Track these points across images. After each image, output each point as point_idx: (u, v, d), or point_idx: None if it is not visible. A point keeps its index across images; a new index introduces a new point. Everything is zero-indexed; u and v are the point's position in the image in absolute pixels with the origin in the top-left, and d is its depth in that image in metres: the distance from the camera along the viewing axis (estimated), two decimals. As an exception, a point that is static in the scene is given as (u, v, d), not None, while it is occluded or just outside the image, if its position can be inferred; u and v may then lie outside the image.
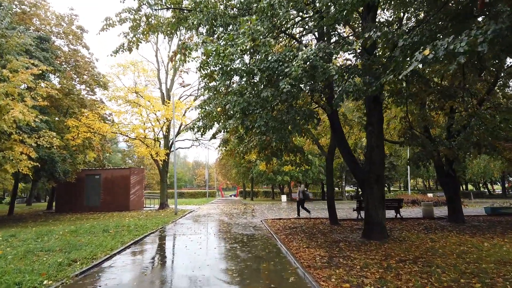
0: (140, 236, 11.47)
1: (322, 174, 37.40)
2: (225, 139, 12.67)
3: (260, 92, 7.52)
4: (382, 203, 10.62)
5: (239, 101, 7.72)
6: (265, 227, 14.08)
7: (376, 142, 10.53)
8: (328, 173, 15.09)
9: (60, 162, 21.10)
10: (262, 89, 7.62)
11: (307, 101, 9.11)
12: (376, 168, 10.51)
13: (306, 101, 9.07)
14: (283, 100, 7.50)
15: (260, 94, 7.56)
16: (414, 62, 4.72)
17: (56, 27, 24.15)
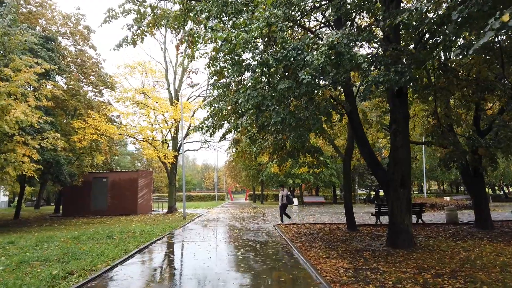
0: (146, 244, 10.69)
1: (334, 176, 36.39)
2: (236, 139, 11.85)
3: (276, 85, 6.68)
4: (409, 208, 9.70)
5: (252, 95, 6.89)
6: (278, 233, 13.22)
7: (401, 141, 9.62)
8: (345, 175, 14.17)
9: (66, 165, 20.51)
10: (278, 81, 6.78)
11: (325, 96, 8.26)
12: (402, 170, 9.60)
13: (324, 97, 8.21)
14: (302, 93, 6.66)
15: (276, 87, 6.72)
16: (488, 32, 3.81)
17: (63, 27, 23.70)
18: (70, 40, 23.99)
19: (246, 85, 7.57)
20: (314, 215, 22.04)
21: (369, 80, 6.28)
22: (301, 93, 6.72)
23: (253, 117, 7.75)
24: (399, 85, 6.26)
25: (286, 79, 6.88)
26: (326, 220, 18.19)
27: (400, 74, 6.19)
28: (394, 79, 6.12)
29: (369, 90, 6.35)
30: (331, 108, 7.48)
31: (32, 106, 15.01)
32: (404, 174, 9.59)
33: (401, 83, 6.18)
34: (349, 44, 6.29)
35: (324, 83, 7.24)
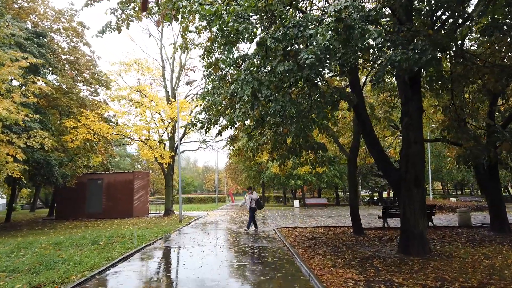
0: (133, 250, 9.73)
1: (337, 177, 35.38)
2: (232, 136, 10.91)
3: (275, 68, 5.73)
4: (423, 210, 8.73)
5: (247, 79, 5.94)
6: (279, 237, 12.25)
7: (415, 137, 8.66)
8: (350, 176, 13.20)
9: (57, 166, 19.57)
10: (277, 64, 5.83)
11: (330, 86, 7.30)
12: (415, 168, 8.64)
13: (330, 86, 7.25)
14: (305, 76, 5.70)
15: (274, 70, 5.77)
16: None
17: (56, 23, 22.81)
18: (63, 36, 23.10)
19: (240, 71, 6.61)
20: (317, 217, 21.05)
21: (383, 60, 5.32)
22: (303, 77, 5.77)
23: (248, 106, 6.79)
24: (419, 65, 5.31)
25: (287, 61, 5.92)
26: (329, 223, 17.21)
27: (421, 52, 5.24)
28: (413, 58, 5.17)
29: (383, 71, 5.41)
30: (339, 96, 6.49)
31: (17, 103, 14.07)
32: (418, 172, 8.63)
33: (421, 63, 5.23)
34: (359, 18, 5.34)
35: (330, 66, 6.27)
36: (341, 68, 5.89)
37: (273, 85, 6.01)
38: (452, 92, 9.44)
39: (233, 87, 8.13)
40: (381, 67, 5.42)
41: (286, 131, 7.13)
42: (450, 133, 9.72)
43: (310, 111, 6.52)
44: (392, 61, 5.22)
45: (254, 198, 14.46)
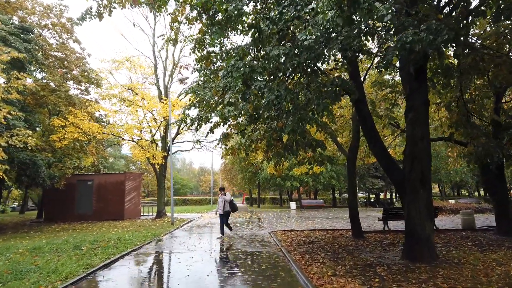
0: (116, 256, 9.00)
1: (333, 179, 34.72)
2: (225, 133, 10.21)
3: (270, 51, 5.05)
4: (430, 212, 8.07)
5: (237, 65, 5.24)
6: (274, 241, 11.55)
7: (421, 133, 8.01)
8: (350, 176, 12.53)
9: (44, 166, 18.76)
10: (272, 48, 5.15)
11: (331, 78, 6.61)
12: (421, 166, 7.98)
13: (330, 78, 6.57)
14: (303, 62, 5.02)
15: (268, 55, 5.09)
16: None
17: (44, 19, 22.01)
18: (52, 32, 22.31)
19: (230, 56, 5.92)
20: (314, 219, 20.37)
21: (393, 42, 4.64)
22: (300, 63, 5.09)
23: (239, 96, 6.08)
24: (433, 46, 4.65)
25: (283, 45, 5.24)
26: (327, 225, 16.53)
27: (435, 32, 4.58)
28: (427, 39, 4.51)
29: (392, 54, 4.75)
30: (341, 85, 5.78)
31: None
32: (424, 172, 7.97)
33: (436, 44, 4.57)
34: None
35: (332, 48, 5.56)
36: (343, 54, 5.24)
37: (267, 73, 5.35)
38: (460, 86, 8.80)
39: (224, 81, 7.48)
40: (390, 49, 4.76)
41: (281, 125, 6.42)
42: (458, 129, 9.07)
43: (309, 103, 5.85)
44: (403, 42, 4.56)
45: (227, 200, 13.22)
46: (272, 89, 5.34)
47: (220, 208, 13.22)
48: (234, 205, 13.35)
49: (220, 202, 13.24)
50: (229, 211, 13.34)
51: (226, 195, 13.32)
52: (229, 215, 13.60)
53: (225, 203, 13.16)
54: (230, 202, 13.21)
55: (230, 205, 13.23)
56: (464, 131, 8.69)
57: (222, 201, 13.20)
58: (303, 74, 6.04)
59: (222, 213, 13.20)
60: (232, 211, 13.45)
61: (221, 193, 13.54)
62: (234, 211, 13.45)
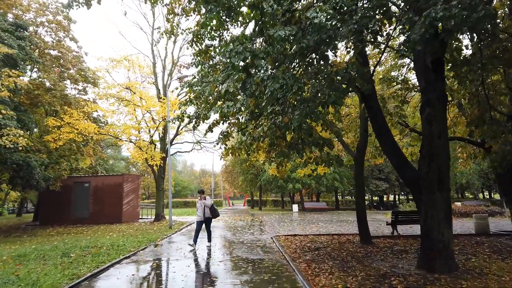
0: (106, 264, 8.29)
1: (336, 181, 33.96)
2: (224, 132, 9.52)
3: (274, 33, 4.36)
4: (449, 217, 7.35)
5: (237, 50, 4.56)
6: (277, 247, 10.84)
7: (438, 130, 7.31)
8: (357, 178, 11.84)
9: (38, 168, 18.09)
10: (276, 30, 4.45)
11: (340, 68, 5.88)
12: (439, 166, 7.28)
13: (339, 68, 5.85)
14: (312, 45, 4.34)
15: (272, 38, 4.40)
16: None
17: (39, 16, 21.39)
18: (47, 30, 21.68)
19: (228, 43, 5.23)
20: (318, 223, 19.65)
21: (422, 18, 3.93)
22: (309, 46, 4.40)
23: (238, 85, 5.38)
24: (467, 24, 3.96)
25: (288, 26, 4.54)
26: (332, 229, 15.81)
27: (470, 8, 3.88)
28: (459, 15, 3.82)
29: (419, 32, 4.04)
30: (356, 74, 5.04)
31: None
32: (442, 173, 7.27)
33: (471, 21, 3.88)
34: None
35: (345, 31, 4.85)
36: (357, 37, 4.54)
37: (271, 59, 4.67)
38: (482, 79, 8.08)
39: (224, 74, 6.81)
40: (416, 27, 4.08)
41: (287, 121, 5.73)
42: (478, 127, 8.35)
43: (317, 94, 5.15)
44: (432, 18, 3.88)
45: (207, 205, 11.45)
46: (277, 77, 4.66)
47: (199, 214, 11.51)
48: (216, 210, 11.63)
49: (199, 207, 11.52)
50: (210, 218, 11.64)
51: (206, 199, 11.59)
52: (210, 222, 11.87)
53: (204, 208, 11.50)
54: (210, 207, 11.52)
55: (211, 210, 11.52)
56: (488, 128, 7.97)
57: (202, 206, 11.49)
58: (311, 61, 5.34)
59: (202, 219, 11.47)
60: (213, 217, 11.69)
61: (200, 196, 11.74)
62: (215, 217, 11.71)
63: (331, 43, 4.40)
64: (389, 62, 15.33)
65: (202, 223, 11.52)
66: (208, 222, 11.71)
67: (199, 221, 11.50)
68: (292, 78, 4.66)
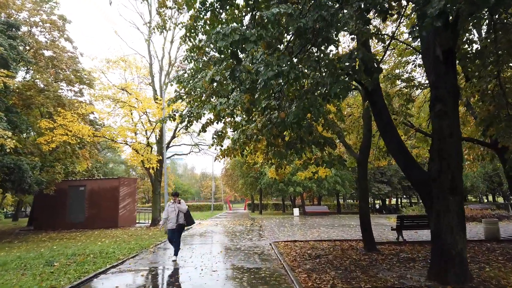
0: (90, 275, 7.66)
1: (338, 184, 33.25)
2: (218, 132, 8.92)
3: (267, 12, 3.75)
4: (462, 222, 6.70)
5: (224, 32, 3.96)
6: (275, 254, 10.19)
7: (450, 128, 6.69)
8: (361, 181, 11.20)
9: (30, 171, 17.50)
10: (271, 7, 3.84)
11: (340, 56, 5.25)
12: (452, 168, 6.64)
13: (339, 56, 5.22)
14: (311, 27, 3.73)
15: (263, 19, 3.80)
16: None
17: (33, 16, 20.90)
18: (41, 30, 21.18)
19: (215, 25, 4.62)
20: (319, 228, 18.99)
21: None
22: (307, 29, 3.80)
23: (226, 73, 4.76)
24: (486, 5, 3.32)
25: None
26: (333, 235, 15.14)
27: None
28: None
29: (438, 6, 3.43)
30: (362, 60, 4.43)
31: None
32: (455, 175, 6.63)
33: None
34: None
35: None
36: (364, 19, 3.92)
37: (264, 43, 4.08)
38: (498, 73, 7.46)
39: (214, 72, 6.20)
40: (434, 1, 3.45)
41: (283, 116, 5.11)
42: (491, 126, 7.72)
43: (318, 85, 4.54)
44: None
45: (182, 210, 9.81)
46: (271, 64, 4.05)
47: (171, 220, 9.72)
48: (191, 217, 10.09)
49: (172, 213, 9.74)
50: (183, 225, 9.94)
51: (181, 203, 9.94)
52: (182, 231, 10.15)
53: (179, 214, 9.78)
54: (185, 214, 9.89)
55: (186, 217, 9.91)
56: (507, 126, 7.31)
57: (175, 211, 9.75)
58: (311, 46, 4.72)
59: (175, 227, 9.70)
60: (187, 225, 10.14)
61: (174, 199, 9.96)
62: (190, 224, 10.18)
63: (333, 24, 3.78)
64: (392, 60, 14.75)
65: (174, 231, 9.79)
66: (180, 230, 9.96)
67: (171, 229, 9.75)
68: (288, 64, 4.04)
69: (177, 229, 9.77)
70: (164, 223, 10.07)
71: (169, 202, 10.12)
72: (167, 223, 9.82)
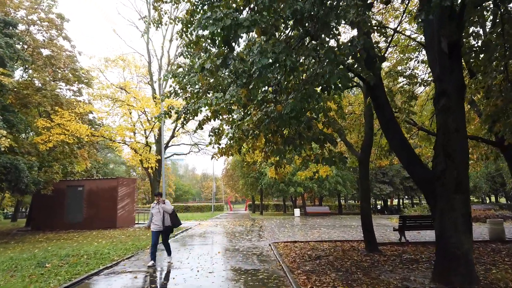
0: (81, 277, 7.39)
1: (339, 184, 32.92)
2: (214, 129, 8.66)
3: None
4: (468, 223, 6.41)
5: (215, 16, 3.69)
6: (274, 255, 9.91)
7: (456, 123, 6.41)
8: (363, 180, 10.91)
9: (27, 171, 17.26)
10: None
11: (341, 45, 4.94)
12: (457, 166, 6.36)
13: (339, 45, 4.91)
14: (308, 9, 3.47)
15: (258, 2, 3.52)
16: None
17: (31, 14, 20.68)
18: (38, 28, 20.96)
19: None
20: (320, 228, 18.70)
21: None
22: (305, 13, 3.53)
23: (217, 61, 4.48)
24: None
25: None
26: (334, 235, 14.84)
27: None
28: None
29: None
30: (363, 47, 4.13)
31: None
32: (460, 172, 6.35)
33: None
34: None
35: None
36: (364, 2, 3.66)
37: (258, 29, 3.81)
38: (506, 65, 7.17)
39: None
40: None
41: (280, 109, 4.83)
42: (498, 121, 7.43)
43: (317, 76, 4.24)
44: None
45: (168, 211, 9.16)
46: (265, 51, 3.78)
47: (156, 223, 9.11)
48: (177, 217, 9.42)
49: (157, 214, 9.12)
50: (170, 227, 9.31)
51: (166, 203, 9.30)
52: (169, 233, 9.61)
53: (164, 215, 9.16)
54: (171, 214, 9.25)
55: (172, 217, 9.25)
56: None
57: (160, 212, 9.12)
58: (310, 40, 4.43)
59: (161, 228, 9.12)
60: (174, 227, 9.42)
61: (157, 200, 9.32)
62: (176, 226, 9.48)
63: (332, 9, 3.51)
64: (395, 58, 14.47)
65: (159, 234, 9.14)
66: (167, 233, 9.43)
67: (156, 231, 9.08)
68: (284, 51, 3.75)
69: (164, 231, 9.24)
70: (149, 225, 9.41)
71: (153, 203, 9.43)
72: (152, 226, 9.21)
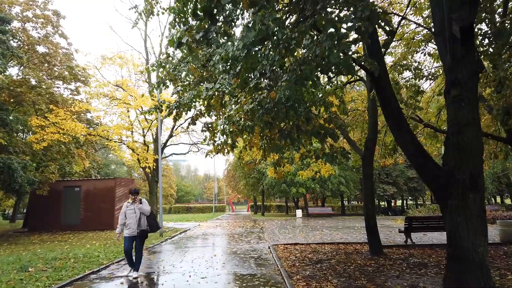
0: (63, 282, 6.86)
1: (342, 185, 32.27)
2: (208, 124, 8.12)
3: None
4: (484, 224, 5.83)
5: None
6: (273, 259, 9.36)
7: (468, 115, 5.81)
8: (366, 179, 10.33)
9: (21, 170, 16.80)
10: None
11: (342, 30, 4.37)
12: (471, 162, 5.78)
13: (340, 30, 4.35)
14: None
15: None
16: None
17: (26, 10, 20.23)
18: (33, 25, 20.50)
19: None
20: (322, 230, 18.12)
21: None
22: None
23: (196, 34, 3.90)
24: None
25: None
26: (337, 237, 14.26)
27: None
28: None
29: None
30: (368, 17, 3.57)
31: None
32: (475, 169, 5.76)
33: None
34: None
35: None
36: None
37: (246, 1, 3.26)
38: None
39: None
40: None
41: (273, 96, 4.28)
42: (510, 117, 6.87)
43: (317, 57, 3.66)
44: None
45: (145, 212, 7.67)
46: (253, 24, 3.22)
47: (131, 226, 7.55)
48: (155, 220, 7.95)
49: (132, 216, 7.58)
50: (145, 231, 7.80)
51: (143, 203, 7.77)
52: (145, 238, 8.00)
53: (141, 217, 7.66)
54: (148, 216, 7.75)
55: (148, 220, 7.75)
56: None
57: (136, 213, 7.61)
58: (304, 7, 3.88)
59: (136, 233, 7.60)
60: (151, 231, 7.93)
61: (133, 198, 7.72)
62: (154, 230, 8.02)
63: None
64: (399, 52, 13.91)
65: (133, 240, 7.63)
66: (142, 238, 7.86)
67: (129, 236, 7.58)
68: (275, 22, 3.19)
69: (139, 236, 7.68)
70: (122, 230, 7.69)
71: (127, 202, 7.80)
72: (124, 230, 7.64)
